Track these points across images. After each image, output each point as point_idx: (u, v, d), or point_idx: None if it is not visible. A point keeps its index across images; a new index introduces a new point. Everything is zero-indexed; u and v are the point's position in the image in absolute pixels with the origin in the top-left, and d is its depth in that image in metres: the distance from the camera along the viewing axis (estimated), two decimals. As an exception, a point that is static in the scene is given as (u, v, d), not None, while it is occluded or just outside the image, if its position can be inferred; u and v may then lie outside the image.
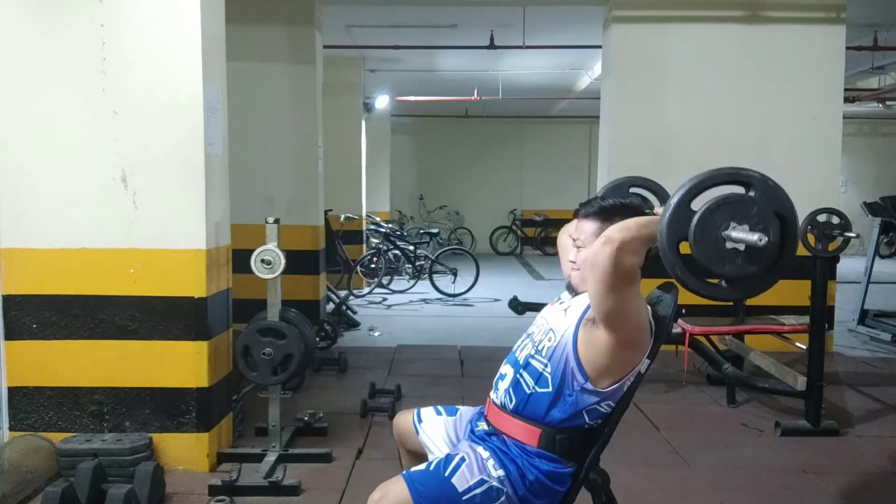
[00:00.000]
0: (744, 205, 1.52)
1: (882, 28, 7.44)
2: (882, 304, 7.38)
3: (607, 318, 1.76)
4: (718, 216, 1.51)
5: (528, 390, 1.90)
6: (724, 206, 1.51)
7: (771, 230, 1.50)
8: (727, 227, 1.51)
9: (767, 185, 1.55)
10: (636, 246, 1.68)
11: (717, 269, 1.53)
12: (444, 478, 1.85)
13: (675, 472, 3.42)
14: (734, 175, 1.56)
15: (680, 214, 1.54)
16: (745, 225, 1.50)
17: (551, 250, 14.92)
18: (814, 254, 3.87)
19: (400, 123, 14.71)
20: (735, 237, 1.49)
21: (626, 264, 1.67)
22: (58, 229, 3.24)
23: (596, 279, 1.70)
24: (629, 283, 1.71)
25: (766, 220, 1.50)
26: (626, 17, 5.79)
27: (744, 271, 1.52)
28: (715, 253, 1.52)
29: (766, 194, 1.54)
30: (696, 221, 1.51)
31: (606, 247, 1.66)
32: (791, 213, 1.55)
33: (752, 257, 1.51)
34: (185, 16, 3.19)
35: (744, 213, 1.51)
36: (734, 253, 1.51)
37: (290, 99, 6.23)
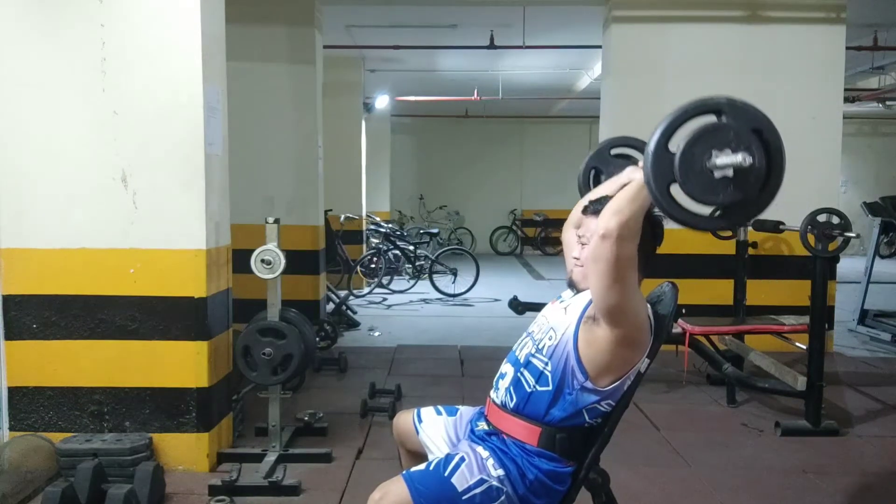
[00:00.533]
0: (720, 131, 1.50)
1: (882, 28, 7.44)
2: (882, 304, 7.38)
3: (610, 314, 1.76)
4: (699, 150, 1.50)
5: (528, 389, 1.90)
6: (702, 139, 1.50)
7: (753, 147, 1.49)
8: (710, 158, 1.49)
9: (736, 105, 1.53)
10: (633, 227, 1.67)
11: (712, 199, 1.52)
12: (444, 477, 1.85)
13: (675, 472, 3.42)
14: (701, 106, 1.54)
15: (661, 159, 1.52)
16: (727, 150, 1.49)
17: (551, 250, 14.95)
18: (814, 254, 3.87)
19: (400, 123, 14.71)
20: (721, 164, 1.48)
21: (627, 251, 1.68)
22: (58, 229, 3.24)
23: (599, 272, 1.70)
24: (632, 267, 1.71)
25: (745, 140, 1.49)
26: (626, 17, 5.79)
27: (737, 196, 1.51)
28: (705, 185, 1.50)
29: (738, 114, 1.52)
30: (678, 160, 1.50)
31: (606, 240, 1.66)
32: (767, 125, 1.53)
33: (743, 180, 1.49)
34: (185, 16, 3.19)
35: (722, 140, 1.50)
36: (724, 180, 1.50)
37: (290, 99, 6.23)
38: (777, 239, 5.69)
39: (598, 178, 2.26)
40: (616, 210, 1.66)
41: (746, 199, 1.52)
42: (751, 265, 5.32)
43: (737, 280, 5.24)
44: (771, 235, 5.40)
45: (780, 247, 5.79)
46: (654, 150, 1.53)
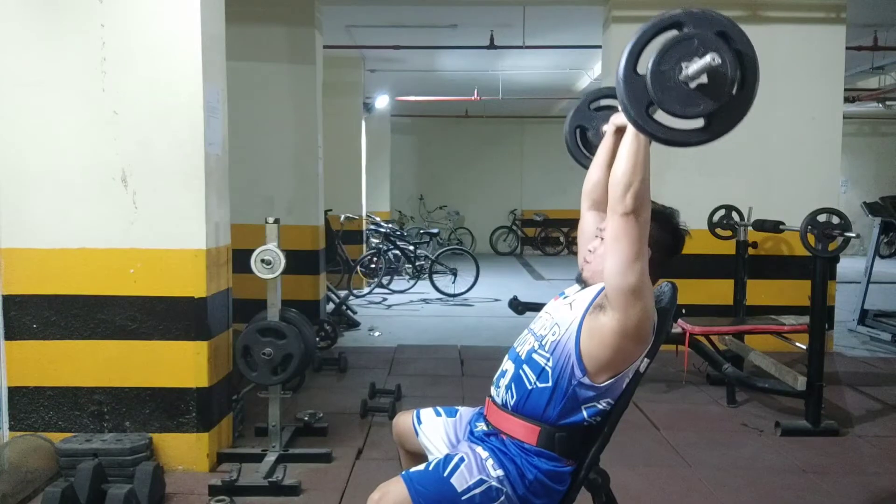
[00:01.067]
0: (684, 43, 1.48)
1: (882, 28, 7.45)
2: (882, 304, 7.38)
3: (625, 296, 1.73)
4: (667, 65, 1.47)
5: (529, 385, 1.90)
6: (667, 54, 1.47)
7: (720, 50, 1.47)
8: (681, 71, 1.47)
9: (694, 14, 1.50)
10: (646, 193, 1.68)
11: (694, 111, 1.49)
12: (444, 478, 1.85)
13: (675, 472, 3.42)
14: (659, 22, 1.52)
15: (633, 83, 1.50)
16: (696, 58, 1.46)
17: (551, 250, 14.96)
18: (814, 254, 3.87)
19: (400, 123, 14.71)
20: (692, 73, 1.46)
21: (646, 219, 1.69)
22: (58, 229, 3.24)
23: (622, 251, 1.69)
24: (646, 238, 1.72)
25: (710, 44, 1.47)
26: (626, 17, 5.79)
27: (718, 101, 1.49)
28: (683, 98, 1.48)
29: (698, 22, 1.50)
30: (650, 81, 1.48)
31: (628, 217, 1.66)
32: (731, 26, 1.50)
33: (718, 83, 1.47)
34: (185, 16, 3.19)
35: (688, 50, 1.47)
36: (701, 89, 1.47)
37: (290, 99, 6.23)
38: (777, 239, 5.69)
39: (584, 137, 2.23)
40: (626, 184, 1.66)
41: (726, 104, 1.49)
42: (751, 265, 5.32)
43: (737, 280, 5.24)
44: (771, 235, 5.40)
45: (780, 247, 5.79)
46: (623, 75, 1.51)
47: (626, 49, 1.52)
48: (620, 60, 1.51)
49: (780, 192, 5.63)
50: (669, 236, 1.96)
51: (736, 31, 1.50)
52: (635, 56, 1.51)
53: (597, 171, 2.08)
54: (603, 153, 2.05)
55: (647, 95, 1.49)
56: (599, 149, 2.09)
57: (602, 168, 2.03)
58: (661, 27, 1.52)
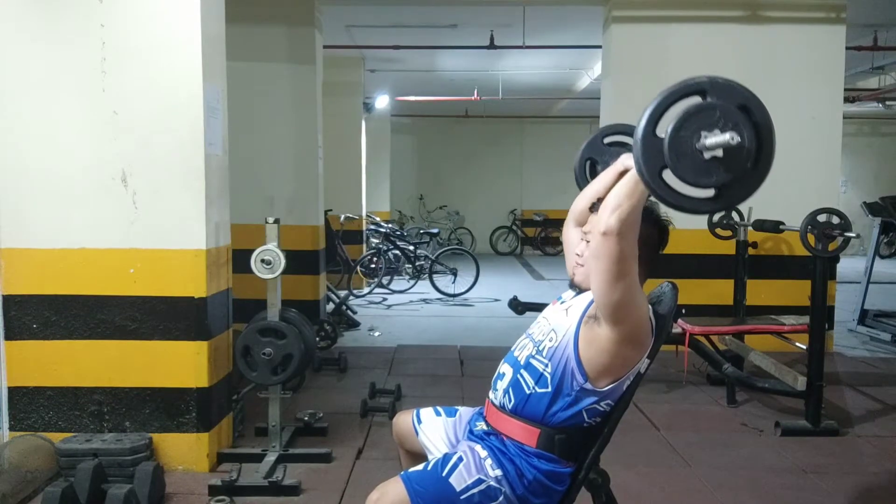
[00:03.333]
0: (705, 112, 1.48)
1: (882, 28, 7.45)
2: (882, 304, 7.38)
3: (612, 311, 1.74)
4: (686, 132, 1.48)
5: (527, 390, 1.90)
6: (689, 120, 1.48)
7: (740, 125, 1.47)
8: (699, 139, 1.48)
9: (718, 83, 1.51)
10: (633, 221, 1.66)
11: (705, 181, 1.50)
12: (442, 477, 1.85)
13: (675, 472, 3.42)
14: (684, 87, 1.53)
15: (650, 145, 1.51)
16: (716, 129, 1.47)
17: (551, 250, 14.95)
18: (814, 254, 3.87)
19: (400, 123, 14.70)
20: (710, 145, 1.46)
21: (629, 246, 1.67)
22: (58, 229, 3.24)
23: (602, 270, 1.69)
24: (633, 261, 1.70)
25: (732, 118, 1.47)
26: (626, 17, 5.79)
27: (730, 175, 1.49)
28: (697, 168, 1.48)
29: (722, 93, 1.50)
30: (667, 146, 1.49)
31: (608, 238, 1.64)
32: (753, 101, 1.50)
33: (733, 158, 1.48)
34: (185, 16, 3.19)
35: (709, 120, 1.47)
36: (715, 161, 1.48)
37: (290, 99, 6.23)
38: (777, 239, 5.69)
39: (594, 169, 2.25)
40: (615, 206, 1.65)
41: (739, 178, 1.50)
42: (751, 265, 5.32)
43: (737, 280, 5.24)
44: (771, 235, 5.40)
45: (780, 247, 5.79)
46: (642, 136, 1.52)
47: (649, 109, 1.53)
48: (641, 120, 1.53)
49: (780, 192, 5.60)
50: (654, 230, 1.94)
51: (757, 106, 1.51)
52: (657, 118, 1.53)
53: (585, 200, 2.06)
54: (597, 186, 2.02)
55: (663, 158, 1.50)
56: (596, 180, 2.07)
57: (591, 199, 2.00)
58: (684, 93, 1.53)
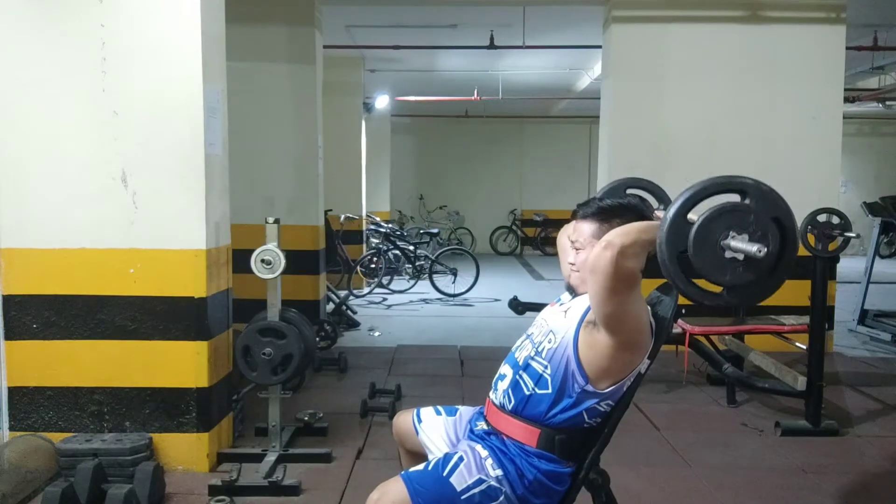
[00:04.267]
0: (740, 213, 1.53)
1: (882, 28, 7.44)
2: (882, 304, 7.38)
3: (608, 322, 1.75)
4: (716, 226, 1.52)
5: (527, 391, 1.90)
6: (722, 216, 1.52)
7: (770, 238, 1.50)
8: (726, 237, 1.51)
9: (762, 190, 1.55)
10: (637, 250, 1.67)
11: (718, 278, 1.54)
12: (443, 477, 1.85)
13: (675, 472, 3.42)
14: (728, 184, 1.57)
15: (678, 226, 1.54)
16: (745, 234, 1.50)
17: (551, 250, 14.90)
18: (814, 254, 3.87)
19: (400, 123, 14.70)
20: (735, 247, 1.50)
21: (627, 268, 1.66)
22: (58, 229, 3.24)
23: (597, 283, 1.69)
24: (630, 286, 1.70)
25: (763, 227, 1.51)
26: (626, 17, 5.79)
27: (744, 279, 1.52)
28: (714, 263, 1.52)
29: (762, 200, 1.55)
30: (694, 233, 1.52)
31: (607, 251, 1.65)
32: (788, 217, 1.55)
33: (752, 265, 1.51)
34: (185, 16, 3.19)
35: (741, 222, 1.51)
36: (734, 262, 1.51)
37: (290, 99, 6.23)
38: (777, 239, 5.68)
39: None
40: (625, 232, 1.67)
41: (753, 283, 1.53)
42: (751, 265, 5.31)
43: (737, 280, 5.23)
44: (771, 235, 5.39)
45: (780, 247, 5.78)
46: (673, 216, 1.55)
47: (687, 193, 1.56)
48: (677, 200, 1.56)
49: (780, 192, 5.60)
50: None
51: (790, 223, 1.55)
52: (693, 203, 1.56)
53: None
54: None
55: (686, 243, 1.53)
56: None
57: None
58: (727, 188, 1.58)
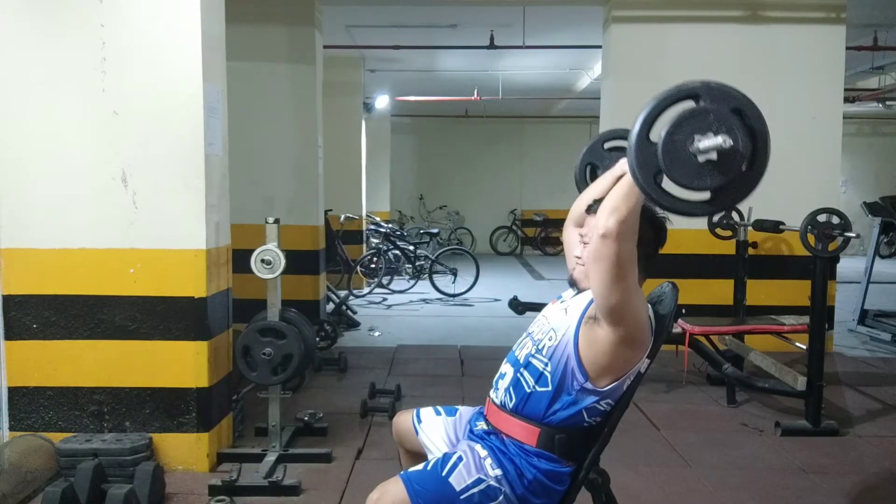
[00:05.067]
0: (699, 116, 1.49)
1: (882, 28, 7.44)
2: (882, 304, 7.38)
3: (611, 313, 1.75)
4: (679, 136, 1.49)
5: (528, 389, 1.90)
6: (682, 125, 1.49)
7: (734, 129, 1.47)
8: (693, 143, 1.48)
9: (711, 88, 1.51)
10: (631, 223, 1.66)
11: (699, 184, 1.50)
12: (442, 477, 1.85)
13: (675, 471, 3.42)
14: (677, 92, 1.53)
15: (644, 149, 1.52)
16: (709, 133, 1.47)
17: (551, 250, 14.95)
18: (814, 254, 3.87)
19: (400, 123, 14.70)
20: (703, 148, 1.47)
21: (628, 248, 1.67)
22: (58, 229, 3.24)
23: (601, 272, 1.69)
24: (632, 264, 1.71)
25: (725, 121, 1.48)
26: (626, 17, 5.79)
27: (726, 176, 1.49)
28: (691, 171, 1.49)
29: (715, 97, 1.51)
30: (661, 150, 1.49)
31: (606, 240, 1.65)
32: (746, 104, 1.51)
33: (727, 160, 1.48)
34: (185, 15, 3.19)
35: (702, 124, 1.48)
36: (709, 164, 1.48)
37: (290, 99, 6.23)
38: (777, 239, 5.69)
39: (594, 174, 2.26)
40: (613, 208, 1.66)
41: (734, 181, 1.51)
42: (751, 265, 5.32)
43: (737, 280, 5.24)
44: (771, 235, 5.40)
45: (780, 247, 5.79)
46: (636, 142, 1.52)
47: (642, 115, 1.53)
48: (635, 126, 1.53)
49: (780, 192, 5.61)
50: (650, 228, 1.93)
51: (751, 108, 1.51)
52: (650, 123, 1.53)
53: (586, 202, 2.05)
54: (595, 191, 2.03)
55: (657, 163, 1.51)
56: (596, 184, 2.08)
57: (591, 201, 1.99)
58: (677, 98, 1.54)
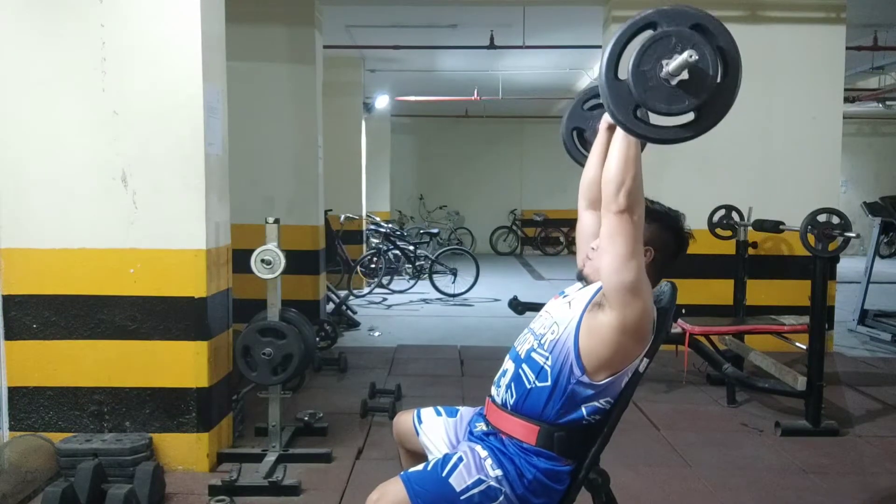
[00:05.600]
0: (661, 41, 1.47)
1: (882, 28, 7.45)
2: (882, 304, 7.38)
3: (622, 292, 1.73)
4: (647, 66, 1.47)
5: (528, 385, 1.90)
6: (645, 54, 1.47)
7: (698, 44, 1.46)
8: (661, 69, 1.47)
9: (666, 12, 1.50)
10: (638, 188, 1.68)
11: (679, 108, 1.49)
12: (442, 478, 1.85)
13: (675, 471, 3.42)
14: (633, 25, 1.52)
15: (616, 89, 1.50)
16: (675, 55, 1.46)
17: (551, 250, 14.96)
18: (814, 254, 3.87)
19: (400, 123, 14.71)
20: (672, 70, 1.45)
21: (640, 215, 1.70)
22: (58, 229, 3.24)
23: (617, 248, 1.70)
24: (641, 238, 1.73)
25: (686, 39, 1.46)
26: (626, 18, 5.74)
27: (704, 93, 1.48)
28: (667, 97, 1.47)
29: (672, 19, 1.50)
30: (632, 84, 1.48)
31: (623, 215, 1.67)
32: (706, 18, 1.49)
33: (701, 76, 1.47)
34: (185, 15, 3.19)
35: (666, 48, 1.46)
36: (683, 86, 1.47)
37: (290, 99, 6.23)
38: (777, 239, 5.69)
39: (581, 137, 2.24)
40: (619, 182, 1.67)
41: (712, 95, 1.49)
42: (751, 265, 5.32)
43: (737, 280, 5.24)
44: (771, 235, 5.40)
45: (780, 247, 5.79)
46: (605, 82, 1.51)
47: (605, 56, 1.52)
48: (601, 68, 1.52)
49: (780, 192, 5.63)
50: (673, 238, 1.96)
51: (711, 22, 1.49)
52: (614, 62, 1.52)
53: (592, 169, 2.08)
54: (597, 151, 2.06)
55: (632, 98, 1.49)
56: (593, 147, 2.10)
57: (597, 166, 2.02)
58: (635, 29, 1.52)
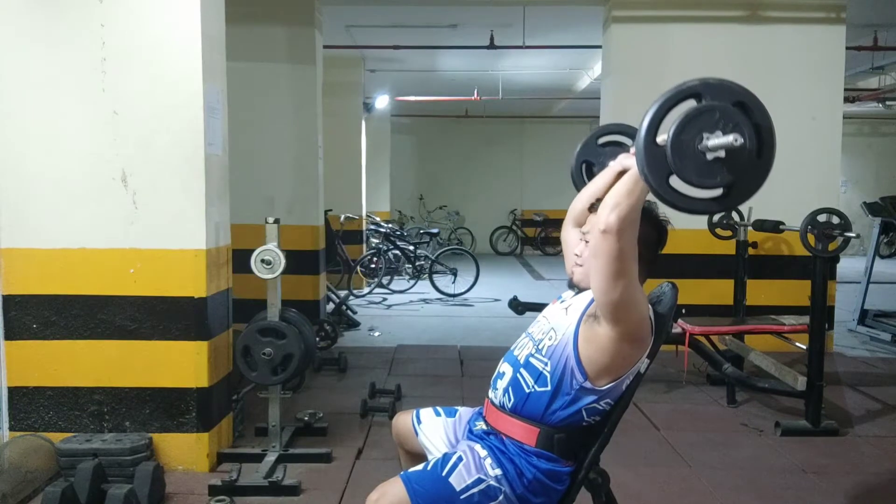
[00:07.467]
0: (704, 114, 1.49)
1: (882, 28, 7.45)
2: (882, 304, 7.38)
3: (612, 310, 1.74)
4: (687, 136, 1.48)
5: (527, 389, 1.90)
6: (688, 125, 1.48)
7: (741, 124, 1.47)
8: (701, 141, 1.48)
9: (711, 85, 1.51)
10: (632, 219, 1.66)
11: (712, 182, 1.50)
12: (442, 477, 1.85)
13: (675, 472, 3.42)
14: (678, 93, 1.53)
15: (653, 155, 1.51)
16: (717, 131, 1.47)
17: (551, 250, 14.95)
18: (814, 254, 3.87)
19: (400, 123, 14.71)
20: (713, 146, 1.46)
21: (629, 244, 1.67)
22: (58, 229, 3.24)
23: (601, 268, 1.69)
24: (633, 259, 1.70)
25: (731, 117, 1.47)
26: (626, 17, 5.79)
27: (736, 172, 1.49)
28: (702, 170, 1.48)
29: (717, 93, 1.51)
30: (670, 152, 1.49)
31: (607, 235, 1.65)
32: (748, 97, 1.51)
33: (737, 155, 1.48)
34: (185, 16, 3.19)
35: (708, 121, 1.47)
36: (719, 161, 1.48)
37: (290, 99, 6.23)
38: (777, 239, 5.69)
39: (590, 171, 2.25)
40: (614, 204, 1.65)
41: (744, 175, 1.50)
42: (751, 265, 5.32)
43: (737, 280, 5.24)
44: (771, 235, 5.40)
45: (780, 247, 5.79)
46: (644, 147, 1.52)
47: (646, 120, 1.53)
48: (640, 130, 1.53)
49: (780, 192, 5.59)
50: (652, 230, 1.93)
51: (754, 102, 1.51)
52: (655, 126, 1.53)
53: (585, 201, 2.06)
54: (596, 186, 2.03)
55: (667, 166, 1.50)
56: (595, 180, 2.08)
57: (592, 200, 1.99)
58: (679, 98, 1.53)
